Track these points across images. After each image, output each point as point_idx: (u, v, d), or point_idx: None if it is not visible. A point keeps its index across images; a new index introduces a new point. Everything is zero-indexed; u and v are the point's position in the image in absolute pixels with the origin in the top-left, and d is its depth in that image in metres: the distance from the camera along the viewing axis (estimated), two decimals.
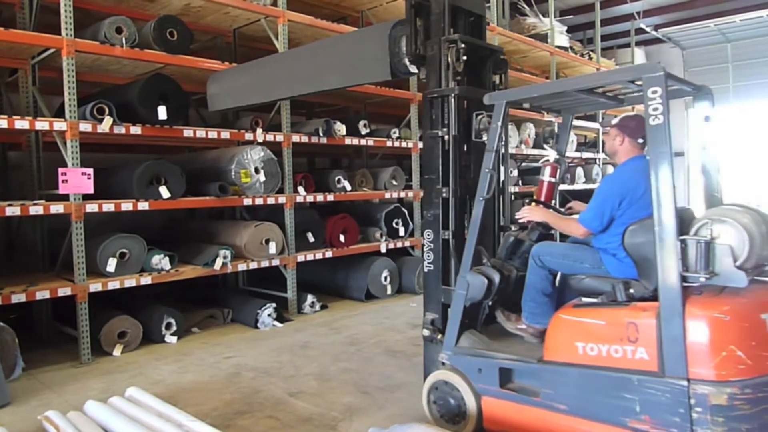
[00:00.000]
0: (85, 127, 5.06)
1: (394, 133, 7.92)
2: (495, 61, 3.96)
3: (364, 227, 7.66)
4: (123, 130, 5.29)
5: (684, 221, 2.78)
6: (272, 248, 6.39)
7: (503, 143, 3.67)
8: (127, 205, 5.33)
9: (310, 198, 6.87)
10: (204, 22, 6.89)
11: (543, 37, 10.91)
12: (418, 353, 5.05)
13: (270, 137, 6.46)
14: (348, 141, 7.29)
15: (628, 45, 14.20)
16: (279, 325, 6.14)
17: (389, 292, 7.44)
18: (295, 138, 6.69)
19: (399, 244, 7.83)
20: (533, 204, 3.67)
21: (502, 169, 3.82)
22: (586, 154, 11.75)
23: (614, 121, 3.38)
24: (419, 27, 3.64)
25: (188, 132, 5.80)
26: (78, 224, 5.00)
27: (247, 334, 5.87)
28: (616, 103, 3.78)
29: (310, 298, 6.77)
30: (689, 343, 2.59)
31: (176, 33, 5.68)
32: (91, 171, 4.99)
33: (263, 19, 6.55)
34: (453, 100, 3.58)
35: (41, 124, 4.89)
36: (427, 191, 3.74)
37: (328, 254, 6.99)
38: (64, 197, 5.01)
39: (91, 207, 5.08)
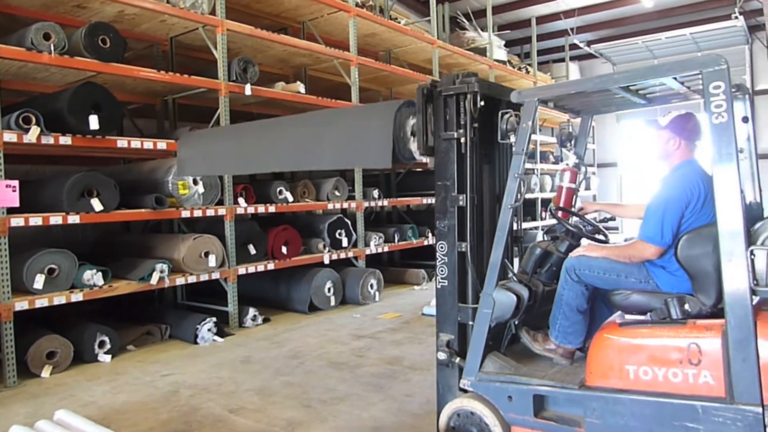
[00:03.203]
0: (10, 137, 4.81)
1: None
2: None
3: (307, 239, 7.60)
4: (52, 141, 5.06)
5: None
6: (212, 261, 6.25)
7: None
8: (56, 219, 5.09)
9: (251, 209, 6.75)
10: (139, 30, 6.71)
11: (482, 51, 11.20)
12: (362, 365, 5.06)
13: None
14: None
15: (563, 60, 14.75)
16: (219, 340, 6.00)
17: (333, 303, 7.39)
18: None
19: (342, 255, 7.81)
20: (589, 245, 3.31)
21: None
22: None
23: (664, 123, 3.03)
24: (430, 115, 3.37)
25: (122, 142, 5.61)
26: (2, 239, 4.74)
27: (186, 351, 5.69)
28: (646, 103, 3.49)
29: (251, 311, 6.64)
30: (763, 365, 2.37)
31: (109, 40, 5.49)
32: (16, 183, 4.74)
33: (201, 27, 6.44)
34: (470, 98, 3.26)
35: None
36: (441, 199, 3.38)
37: (270, 266, 6.88)
38: None
39: (17, 221, 4.82)
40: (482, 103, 3.24)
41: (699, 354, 2.51)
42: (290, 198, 7.25)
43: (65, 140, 5.16)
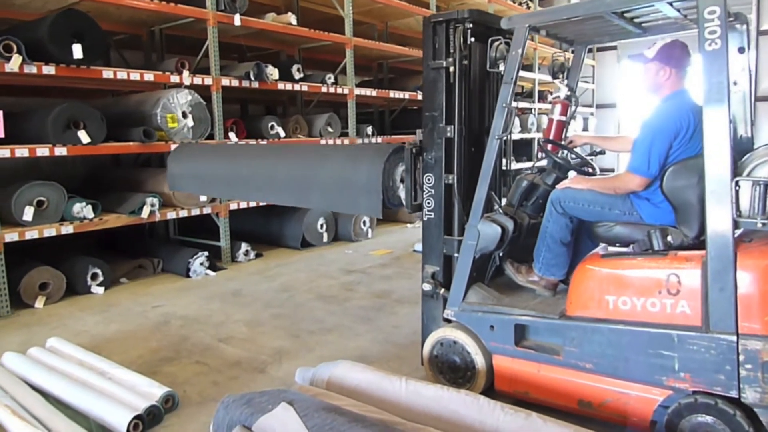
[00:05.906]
0: None
1: (330, 78, 7.74)
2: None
3: None
4: (35, 70, 4.92)
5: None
6: (203, 196, 6.22)
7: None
8: (42, 150, 5.02)
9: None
10: None
11: None
12: (351, 298, 5.13)
13: (198, 80, 6.18)
14: (281, 86, 7.07)
15: None
16: (212, 273, 6.05)
17: (325, 239, 7.44)
18: (225, 81, 6.43)
19: None
20: (575, 176, 3.24)
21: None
22: (522, 104, 11.89)
23: (651, 54, 2.91)
24: (419, 170, 3.35)
25: (108, 73, 5.47)
26: None
27: (177, 284, 5.76)
28: (641, 32, 3.35)
29: (244, 246, 6.68)
30: (740, 296, 2.39)
31: None
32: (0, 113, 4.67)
33: None
34: (460, 25, 3.17)
35: None
36: (429, 131, 3.32)
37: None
38: None
39: (3, 152, 4.75)
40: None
41: (678, 284, 2.53)
42: (282, 133, 7.17)
43: (48, 69, 5.02)
